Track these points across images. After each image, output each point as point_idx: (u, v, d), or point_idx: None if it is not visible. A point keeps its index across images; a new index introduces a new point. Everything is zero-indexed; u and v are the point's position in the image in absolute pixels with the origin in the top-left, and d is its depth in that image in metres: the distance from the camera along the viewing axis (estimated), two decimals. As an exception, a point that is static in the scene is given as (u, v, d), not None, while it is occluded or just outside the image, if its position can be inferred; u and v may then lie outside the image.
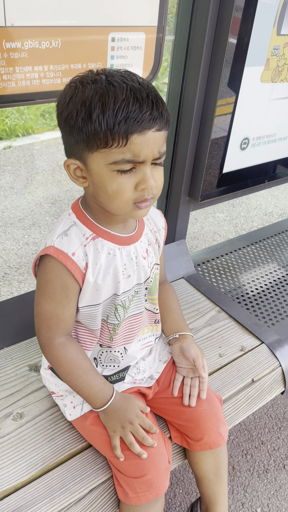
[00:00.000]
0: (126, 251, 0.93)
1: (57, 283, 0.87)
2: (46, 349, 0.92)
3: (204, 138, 1.41)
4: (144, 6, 1.14)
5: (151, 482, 0.92)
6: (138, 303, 1.00)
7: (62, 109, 0.79)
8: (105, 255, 0.89)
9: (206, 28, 1.24)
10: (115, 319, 0.97)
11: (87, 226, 0.89)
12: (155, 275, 1.02)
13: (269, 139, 1.59)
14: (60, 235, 0.87)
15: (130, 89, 0.75)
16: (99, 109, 0.74)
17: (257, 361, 1.31)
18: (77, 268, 0.87)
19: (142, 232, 0.98)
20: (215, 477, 1.08)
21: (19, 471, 0.96)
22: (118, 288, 0.93)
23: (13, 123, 4.05)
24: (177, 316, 1.13)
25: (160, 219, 1.05)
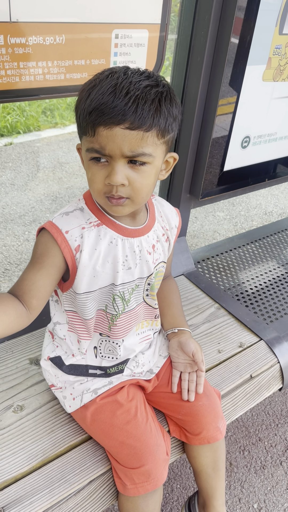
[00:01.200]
0: (129, 243, 0.93)
1: (39, 248, 0.88)
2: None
3: (206, 136, 1.42)
4: (148, 4, 1.15)
5: (149, 473, 0.93)
6: (137, 296, 1.01)
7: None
8: (106, 243, 0.91)
9: (209, 26, 1.25)
10: (113, 309, 0.97)
11: (94, 213, 0.91)
12: (158, 272, 1.02)
13: (270, 138, 1.60)
14: (61, 214, 0.90)
15: (117, 83, 0.76)
16: (86, 97, 0.78)
17: (256, 358, 1.32)
18: (66, 246, 0.87)
19: (151, 228, 0.98)
20: (213, 471, 1.09)
21: (19, 462, 0.97)
22: (116, 278, 0.93)
23: (15, 120, 4.06)
24: (178, 312, 1.14)
25: (175, 217, 1.06)
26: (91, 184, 0.84)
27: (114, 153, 0.78)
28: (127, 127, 0.76)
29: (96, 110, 0.76)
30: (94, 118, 0.76)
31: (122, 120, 0.75)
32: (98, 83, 0.78)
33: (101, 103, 0.75)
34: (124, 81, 0.76)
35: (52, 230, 0.87)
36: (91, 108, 0.76)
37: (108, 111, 0.75)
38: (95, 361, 1.02)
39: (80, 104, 0.79)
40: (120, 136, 0.76)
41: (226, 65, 1.29)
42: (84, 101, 0.78)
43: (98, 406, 0.98)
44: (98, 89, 0.77)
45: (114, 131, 0.76)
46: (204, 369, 1.04)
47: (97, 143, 0.78)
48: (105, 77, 0.79)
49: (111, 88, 0.76)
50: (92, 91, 0.77)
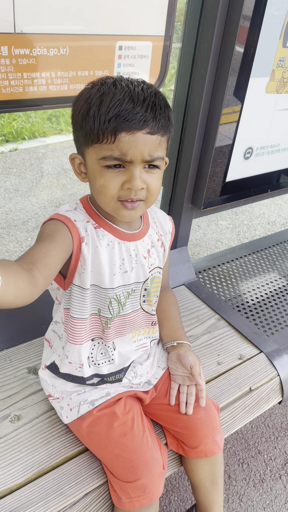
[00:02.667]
0: (126, 246, 0.94)
1: (48, 228, 0.85)
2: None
3: (208, 146, 1.42)
4: (152, 16, 1.16)
5: (145, 487, 0.92)
6: (134, 302, 1.01)
7: (72, 108, 0.85)
8: (104, 245, 0.91)
9: (213, 37, 1.25)
10: (108, 312, 0.97)
11: (91, 215, 0.92)
12: (154, 278, 1.02)
13: (273, 149, 1.60)
14: (65, 211, 0.91)
15: (130, 91, 0.78)
16: (96, 106, 0.78)
17: (255, 370, 1.31)
18: (76, 232, 0.87)
19: (146, 233, 0.99)
20: (211, 485, 1.08)
21: (15, 473, 0.97)
22: (112, 281, 0.93)
23: (20, 126, 4.08)
24: (176, 325, 1.14)
25: (168, 223, 1.06)
26: (103, 191, 0.83)
27: (135, 158, 0.80)
28: (148, 132, 0.79)
29: (118, 117, 0.76)
30: (116, 124, 0.77)
31: (144, 126, 0.78)
32: (107, 91, 0.78)
33: (122, 110, 0.76)
34: (136, 88, 0.79)
35: (61, 218, 0.87)
36: (111, 115, 0.76)
37: (131, 117, 0.77)
38: (89, 371, 1.01)
39: (90, 112, 0.78)
40: (142, 141, 0.79)
41: (229, 77, 1.29)
42: (96, 108, 0.78)
43: (95, 418, 0.97)
44: (112, 97, 0.77)
45: (136, 136, 0.78)
46: (201, 382, 1.02)
47: (118, 150, 0.79)
48: (111, 85, 0.79)
49: (127, 95, 0.77)
50: (104, 99, 0.78)
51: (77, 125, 0.83)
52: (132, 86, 0.80)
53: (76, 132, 0.85)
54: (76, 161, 0.88)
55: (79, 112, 0.82)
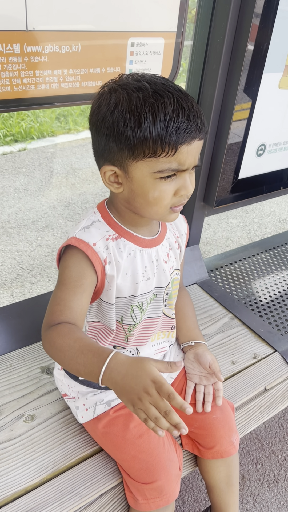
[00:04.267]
0: (147, 253, 0.93)
1: (73, 269, 0.86)
2: (44, 333, 0.82)
3: (221, 143, 1.40)
4: (164, 12, 1.14)
5: (162, 489, 0.91)
6: (156, 307, 1.00)
7: (104, 116, 0.78)
8: (126, 255, 0.90)
9: (225, 34, 1.24)
10: (131, 320, 0.96)
11: (111, 225, 0.90)
12: (174, 280, 1.01)
13: (286, 146, 1.58)
14: (82, 228, 0.88)
15: (177, 99, 0.75)
16: (150, 119, 0.74)
17: (270, 370, 1.29)
18: (97, 258, 0.86)
19: (165, 236, 0.98)
20: (226, 486, 1.07)
21: (29, 473, 0.96)
22: (136, 289, 0.93)
23: (29, 125, 4.09)
24: (193, 324, 1.13)
25: (183, 224, 1.05)
26: (157, 202, 0.82)
27: (190, 166, 0.80)
28: (200, 138, 0.79)
29: (178, 130, 0.75)
30: (177, 138, 0.75)
31: (198, 134, 0.78)
32: (157, 103, 0.74)
33: (181, 123, 0.75)
34: (177, 94, 0.76)
35: (80, 244, 0.85)
36: (171, 129, 0.74)
37: (190, 129, 0.76)
38: None
39: (144, 126, 0.74)
40: (196, 148, 0.80)
41: (242, 73, 1.28)
42: (151, 122, 0.74)
43: (111, 418, 0.97)
44: (164, 107, 0.74)
45: (192, 145, 0.78)
46: (222, 378, 1.02)
47: (176, 161, 0.78)
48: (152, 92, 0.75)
49: (178, 105, 0.75)
50: (156, 112, 0.74)
51: (120, 136, 0.77)
52: (171, 90, 0.76)
53: (112, 143, 0.78)
54: (107, 174, 0.83)
55: (124, 124, 0.75)
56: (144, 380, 0.68)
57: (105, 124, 0.78)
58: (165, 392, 0.67)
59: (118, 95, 0.77)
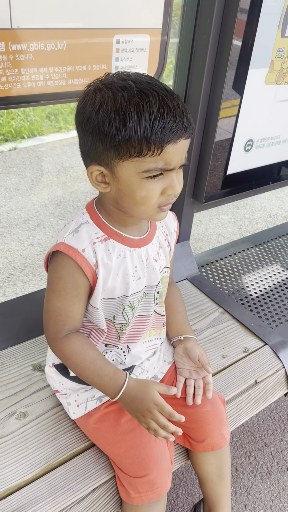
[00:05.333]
0: (137, 253, 0.93)
1: (68, 280, 0.88)
2: (53, 343, 0.92)
3: (208, 140, 1.41)
4: (149, 9, 1.15)
5: (153, 482, 0.92)
6: (147, 305, 1.01)
7: (89, 116, 0.77)
8: (115, 256, 0.90)
9: (211, 30, 1.24)
10: (123, 319, 0.97)
11: (100, 227, 0.90)
12: (163, 278, 1.02)
13: (273, 141, 1.59)
14: (71, 233, 0.88)
15: (162, 98, 0.75)
16: (135, 118, 0.74)
17: (261, 363, 1.31)
18: (87, 264, 0.87)
19: (154, 235, 0.98)
20: (218, 479, 1.08)
21: (22, 469, 0.97)
22: (127, 289, 0.93)
23: (19, 125, 4.07)
24: (182, 319, 1.14)
25: (173, 222, 1.05)
26: (145, 201, 0.82)
27: (177, 165, 0.80)
28: (186, 137, 0.79)
29: (164, 129, 0.74)
30: (163, 137, 0.75)
31: (184, 133, 0.78)
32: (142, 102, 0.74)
33: (166, 122, 0.74)
34: (163, 92, 0.76)
35: (69, 251, 0.86)
36: (157, 128, 0.74)
37: (176, 128, 0.76)
38: None
39: (129, 126, 0.74)
40: (182, 147, 0.79)
41: (228, 69, 1.28)
42: (136, 121, 0.73)
43: (102, 414, 0.97)
44: (149, 108, 0.73)
45: (178, 144, 0.78)
46: (211, 370, 1.03)
47: (162, 161, 0.78)
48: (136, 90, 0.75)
49: (163, 104, 0.75)
50: (141, 110, 0.73)
51: (105, 136, 0.76)
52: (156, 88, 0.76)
53: (98, 143, 0.78)
54: (94, 173, 0.82)
55: (109, 124, 0.75)
56: (148, 403, 0.87)
57: (91, 124, 0.77)
58: (166, 412, 0.87)
59: (103, 95, 0.77)
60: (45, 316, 0.93)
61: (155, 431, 0.88)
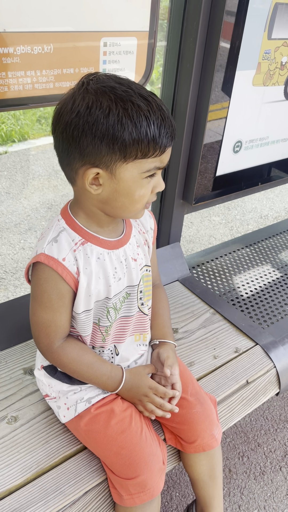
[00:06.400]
0: (115, 254, 0.94)
1: (53, 292, 0.89)
2: (48, 354, 0.95)
3: (197, 142, 1.42)
4: (136, 12, 1.15)
5: (145, 483, 0.92)
6: (130, 306, 1.01)
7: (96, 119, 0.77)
8: (94, 260, 0.90)
9: (198, 32, 1.25)
10: (107, 321, 0.97)
11: (76, 231, 0.90)
12: (144, 277, 1.02)
13: (261, 142, 1.60)
14: (50, 242, 0.88)
15: (154, 101, 0.80)
16: (145, 123, 0.78)
17: (252, 363, 1.31)
18: (68, 273, 0.88)
19: (130, 235, 0.99)
20: (210, 479, 1.08)
21: (13, 474, 0.96)
22: (109, 291, 0.94)
23: (9, 128, 4.06)
24: (163, 323, 1.12)
25: (149, 220, 1.06)
26: (142, 199, 0.86)
27: (166, 164, 0.86)
28: (174, 138, 0.85)
29: (167, 133, 0.81)
30: (167, 141, 0.82)
31: (174, 136, 0.85)
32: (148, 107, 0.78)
33: (165, 127, 0.81)
34: (151, 97, 0.81)
35: (49, 262, 0.86)
36: (158, 133, 0.80)
37: (172, 131, 0.83)
38: None
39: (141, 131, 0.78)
40: (171, 148, 0.86)
41: (215, 71, 1.29)
42: (147, 128, 0.78)
43: (92, 416, 0.97)
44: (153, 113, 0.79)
45: (171, 145, 0.85)
46: (168, 373, 1.00)
47: (160, 161, 0.84)
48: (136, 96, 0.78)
49: (158, 110, 0.80)
50: (149, 117, 0.78)
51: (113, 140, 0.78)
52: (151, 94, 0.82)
53: (102, 146, 0.79)
54: (90, 176, 0.82)
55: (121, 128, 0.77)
56: (144, 389, 0.99)
57: (98, 127, 0.77)
58: (161, 392, 0.99)
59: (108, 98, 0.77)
60: (34, 329, 0.94)
61: (153, 411, 0.99)
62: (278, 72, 1.48)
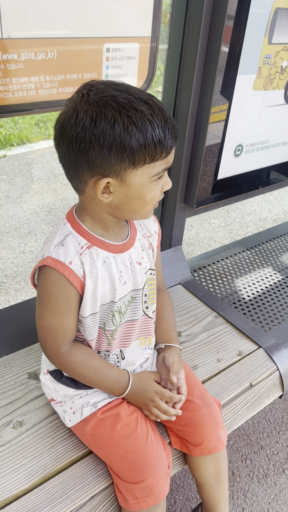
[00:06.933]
0: (120, 258, 0.94)
1: (60, 296, 0.89)
2: (55, 359, 0.95)
3: (199, 146, 1.43)
4: (138, 17, 1.16)
5: (151, 488, 0.92)
6: (135, 309, 1.01)
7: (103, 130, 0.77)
8: (100, 263, 0.91)
9: (199, 37, 1.26)
10: (112, 324, 0.97)
11: (82, 235, 0.90)
12: (148, 280, 1.03)
13: (262, 146, 1.61)
14: (56, 246, 0.88)
15: (155, 103, 0.81)
16: (150, 127, 0.79)
17: (255, 366, 1.31)
18: (75, 277, 0.88)
19: (135, 238, 0.99)
20: (216, 482, 1.09)
21: (19, 479, 0.96)
22: (115, 295, 0.94)
23: (8, 132, 4.07)
24: (168, 327, 1.13)
25: (153, 224, 1.07)
26: (151, 201, 0.88)
27: (171, 163, 0.87)
28: (177, 137, 0.86)
29: (170, 135, 0.82)
30: (171, 141, 0.83)
31: (177, 136, 0.86)
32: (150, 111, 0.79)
33: (169, 128, 0.82)
34: (151, 100, 0.81)
35: (56, 266, 0.87)
36: (163, 135, 0.81)
37: (175, 131, 0.84)
38: None
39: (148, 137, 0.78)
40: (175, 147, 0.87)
41: (217, 75, 1.30)
42: (152, 132, 0.79)
43: (98, 420, 0.97)
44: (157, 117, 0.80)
45: (175, 145, 0.86)
46: (174, 380, 1.00)
47: (166, 162, 0.85)
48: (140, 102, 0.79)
49: (160, 112, 0.81)
50: (153, 122, 0.79)
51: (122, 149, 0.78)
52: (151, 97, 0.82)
53: (111, 155, 0.79)
54: (102, 186, 0.83)
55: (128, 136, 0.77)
56: (150, 393, 1.00)
57: (105, 138, 0.78)
58: (167, 397, 1.00)
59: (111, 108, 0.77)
60: (40, 333, 0.94)
61: (158, 416, 1.00)
62: (278, 77, 1.49)
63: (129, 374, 1.00)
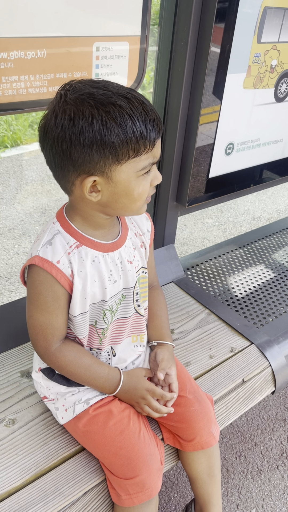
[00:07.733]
0: (110, 257, 0.94)
1: (48, 295, 0.89)
2: (46, 357, 0.96)
3: (190, 144, 1.44)
4: (127, 16, 1.17)
5: (144, 483, 0.93)
6: (126, 307, 1.01)
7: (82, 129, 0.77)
8: (89, 262, 0.91)
9: (189, 37, 1.27)
10: (104, 323, 0.98)
11: (71, 234, 0.91)
12: (140, 279, 1.03)
13: (253, 144, 1.62)
14: (44, 245, 0.89)
15: (136, 97, 0.80)
16: (130, 121, 0.78)
17: (247, 362, 1.32)
18: (63, 276, 0.88)
19: (126, 237, 0.99)
20: (208, 478, 1.09)
21: (12, 476, 0.97)
22: (105, 294, 0.94)
23: (1, 134, 4.07)
24: (160, 324, 1.13)
25: (146, 222, 1.07)
26: (141, 197, 0.87)
27: (159, 156, 0.87)
28: (161, 129, 0.85)
29: (152, 127, 0.81)
30: (154, 134, 0.82)
31: (161, 127, 0.85)
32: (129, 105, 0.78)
33: (151, 120, 0.81)
34: (130, 94, 0.81)
35: (44, 265, 0.87)
36: (145, 128, 0.80)
37: (158, 123, 0.83)
38: None
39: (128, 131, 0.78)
40: (160, 140, 0.86)
41: (207, 74, 1.31)
42: (132, 126, 0.78)
43: (91, 417, 0.98)
44: (136, 110, 0.79)
45: (160, 138, 0.85)
46: (161, 377, 1.01)
47: (152, 156, 0.84)
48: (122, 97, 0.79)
49: (140, 105, 0.80)
50: (133, 115, 0.78)
51: (103, 146, 0.78)
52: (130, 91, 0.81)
53: (93, 153, 0.79)
54: (88, 185, 0.83)
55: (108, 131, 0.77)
56: (141, 391, 1.00)
57: (85, 136, 0.78)
58: (158, 395, 1.00)
59: (89, 105, 0.77)
60: (31, 332, 0.94)
61: (149, 414, 1.00)
62: (268, 75, 1.50)
63: (120, 372, 1.00)
